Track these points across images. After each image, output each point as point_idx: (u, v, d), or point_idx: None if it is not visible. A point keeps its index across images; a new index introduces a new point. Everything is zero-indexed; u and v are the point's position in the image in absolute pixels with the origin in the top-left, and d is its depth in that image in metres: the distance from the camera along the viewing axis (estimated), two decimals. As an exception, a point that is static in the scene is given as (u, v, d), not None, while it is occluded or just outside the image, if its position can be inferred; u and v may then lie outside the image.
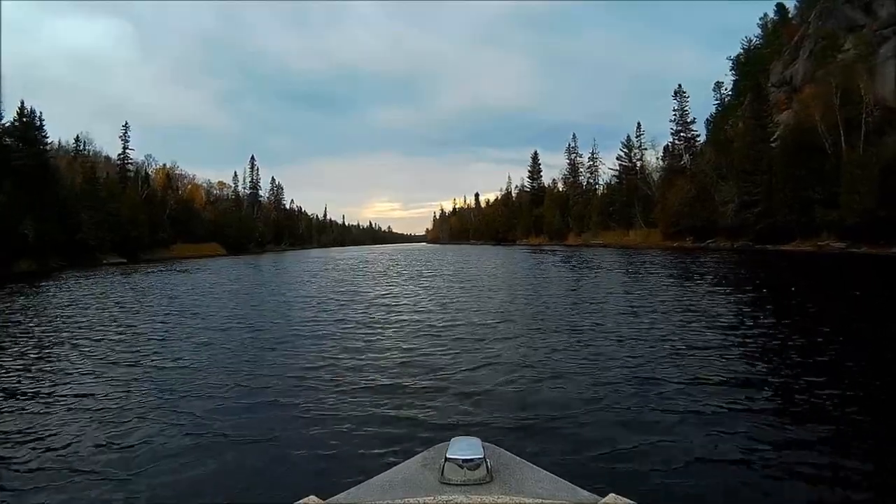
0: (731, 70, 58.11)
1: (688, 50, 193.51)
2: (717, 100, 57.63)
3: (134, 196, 49.12)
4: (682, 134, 56.68)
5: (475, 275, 20.06)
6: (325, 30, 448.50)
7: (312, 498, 0.97)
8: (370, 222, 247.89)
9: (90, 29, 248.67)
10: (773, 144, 38.51)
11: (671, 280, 16.16)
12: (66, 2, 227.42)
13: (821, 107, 33.82)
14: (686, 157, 53.41)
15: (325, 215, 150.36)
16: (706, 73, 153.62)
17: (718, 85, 57.69)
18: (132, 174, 55.22)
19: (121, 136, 55.96)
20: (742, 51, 58.16)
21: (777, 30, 53.88)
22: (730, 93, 56.84)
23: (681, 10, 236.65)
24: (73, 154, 50.08)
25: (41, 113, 38.73)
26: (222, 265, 34.70)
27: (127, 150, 55.54)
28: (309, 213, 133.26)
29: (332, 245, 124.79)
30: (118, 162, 55.38)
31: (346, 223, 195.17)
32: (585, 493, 1.04)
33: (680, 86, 57.34)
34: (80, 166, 45.74)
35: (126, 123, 56.38)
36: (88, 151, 54.29)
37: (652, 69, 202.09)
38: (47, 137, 39.49)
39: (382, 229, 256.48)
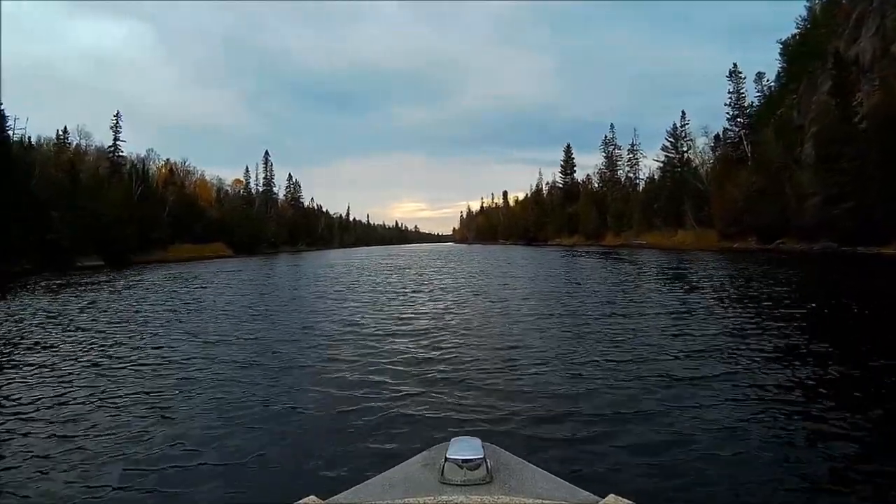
0: (780, 54, 51.30)
1: (706, 48, 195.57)
2: (758, 91, 50.92)
3: (120, 192, 44.83)
4: (738, 119, 49.81)
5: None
6: (346, 30, 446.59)
7: (312, 498, 0.96)
8: (396, 222, 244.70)
9: (111, 31, 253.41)
10: (860, 126, 32.45)
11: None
12: (88, 2, 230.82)
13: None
14: (746, 145, 46.24)
15: (347, 214, 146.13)
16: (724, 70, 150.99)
17: (760, 76, 51.18)
18: (128, 168, 50.67)
19: (111, 127, 51.13)
20: (792, 35, 51.12)
21: (828, 11, 47.35)
22: (772, 83, 50.59)
23: (701, 9, 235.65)
24: (55, 147, 45.23)
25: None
26: (194, 272, 29.71)
27: (118, 143, 50.72)
28: (332, 213, 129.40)
29: (354, 245, 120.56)
30: (108, 155, 50.65)
31: (372, 223, 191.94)
32: (585, 493, 1.03)
33: (735, 65, 50.65)
34: (56, 159, 41.06)
35: (118, 113, 51.64)
36: (86, 146, 50.27)
37: (679, 67, 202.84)
38: (9, 125, 35.62)
39: (409, 229, 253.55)
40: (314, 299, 14.19)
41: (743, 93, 50.06)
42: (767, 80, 50.89)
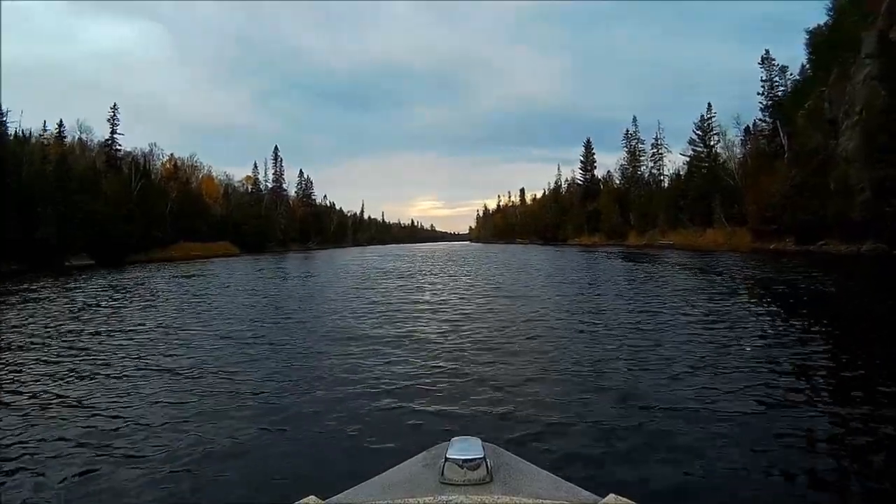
0: (805, 45, 47.75)
1: (723, 46, 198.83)
2: (782, 86, 48.10)
3: (117, 188, 43.06)
4: (771, 109, 46.56)
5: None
6: (359, 29, 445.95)
7: (312, 498, 0.95)
8: (412, 220, 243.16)
9: (123, 31, 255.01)
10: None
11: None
12: (101, 3, 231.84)
13: None
14: (781, 136, 42.95)
15: (361, 212, 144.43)
16: (736, 69, 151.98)
17: (783, 70, 48.26)
18: (128, 163, 48.69)
19: (108, 120, 49.15)
20: (818, 25, 47.68)
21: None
22: (797, 76, 47.32)
23: (712, 7, 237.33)
24: (44, 140, 43.06)
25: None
26: (155, 275, 27.80)
27: (115, 136, 48.65)
28: (346, 211, 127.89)
29: (368, 244, 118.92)
30: (105, 150, 48.65)
31: (387, 221, 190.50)
32: (585, 493, 1.04)
33: (767, 51, 47.59)
34: (40, 151, 38.93)
35: (114, 106, 49.54)
36: (88, 141, 48.55)
37: (694, 66, 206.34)
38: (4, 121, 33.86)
39: (425, 227, 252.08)
40: (308, 299, 14.29)
41: (776, 81, 47.02)
42: (791, 74, 47.98)
